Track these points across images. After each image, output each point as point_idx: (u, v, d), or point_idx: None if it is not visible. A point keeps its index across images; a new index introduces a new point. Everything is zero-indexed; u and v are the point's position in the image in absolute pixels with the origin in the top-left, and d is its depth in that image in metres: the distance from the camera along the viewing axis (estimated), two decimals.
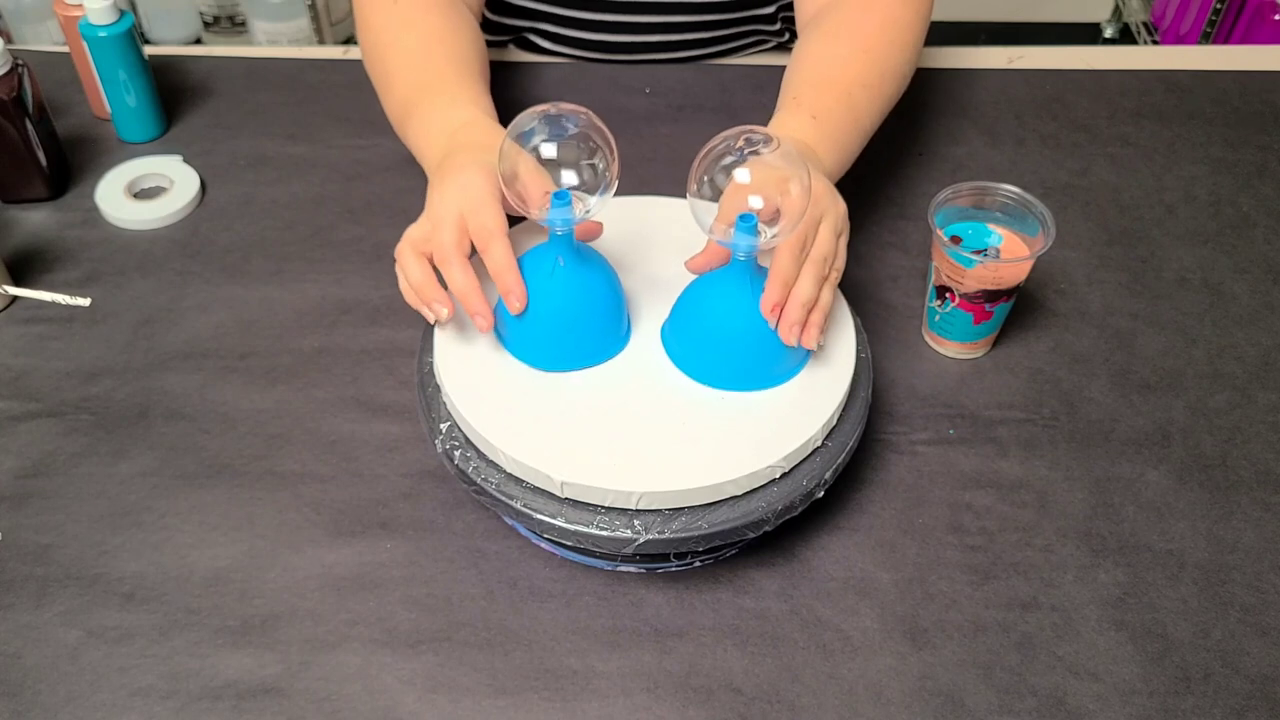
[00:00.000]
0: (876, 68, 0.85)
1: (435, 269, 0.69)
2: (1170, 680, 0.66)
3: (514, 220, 0.76)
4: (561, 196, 0.66)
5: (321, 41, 2.05)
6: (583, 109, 0.67)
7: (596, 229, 0.73)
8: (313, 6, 1.99)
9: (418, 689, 0.65)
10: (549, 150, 0.66)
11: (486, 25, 1.12)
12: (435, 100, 0.80)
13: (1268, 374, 0.84)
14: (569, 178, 0.67)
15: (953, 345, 0.84)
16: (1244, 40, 2.04)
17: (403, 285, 0.70)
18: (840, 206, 0.73)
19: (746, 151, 0.65)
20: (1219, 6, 2.11)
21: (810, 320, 0.67)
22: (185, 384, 0.81)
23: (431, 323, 0.70)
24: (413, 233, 0.70)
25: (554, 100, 0.67)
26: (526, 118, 0.66)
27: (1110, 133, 1.05)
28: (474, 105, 0.79)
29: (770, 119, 0.81)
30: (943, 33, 1.19)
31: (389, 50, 0.86)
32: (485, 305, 0.67)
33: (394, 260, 0.71)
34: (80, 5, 0.94)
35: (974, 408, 0.81)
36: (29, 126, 0.91)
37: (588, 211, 0.67)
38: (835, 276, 0.71)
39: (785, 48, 1.13)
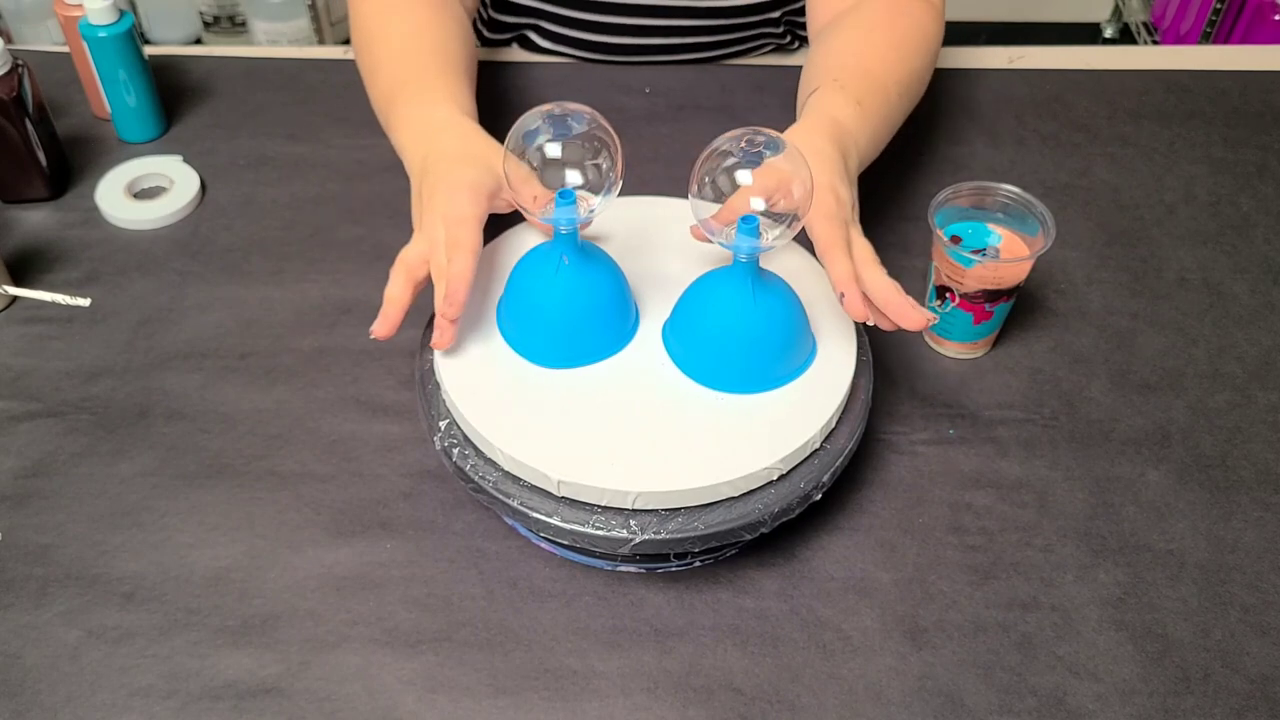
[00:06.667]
0: (908, 66, 0.86)
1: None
2: (1170, 680, 0.66)
3: (515, 219, 0.76)
4: (565, 196, 0.66)
5: (321, 41, 2.05)
6: (587, 108, 0.67)
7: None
8: (313, 6, 1.99)
9: (418, 689, 0.65)
10: (554, 150, 0.66)
11: (487, 22, 1.12)
12: (415, 96, 0.80)
13: (1268, 374, 0.84)
14: (573, 177, 0.67)
15: (953, 345, 0.84)
16: (1244, 40, 2.04)
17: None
18: (853, 197, 0.74)
19: (750, 153, 0.65)
20: (1219, 6, 2.11)
21: (904, 303, 0.68)
22: (185, 384, 0.81)
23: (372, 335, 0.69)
24: (408, 254, 0.70)
25: (556, 100, 0.67)
26: (531, 117, 0.66)
27: (1110, 133, 1.05)
28: (451, 103, 0.79)
29: (776, 119, 0.81)
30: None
31: (375, 39, 0.87)
32: (449, 325, 0.68)
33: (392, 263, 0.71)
34: (80, 5, 0.94)
35: (974, 408, 0.81)
36: (29, 126, 0.91)
37: (592, 211, 0.67)
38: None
39: (785, 49, 1.13)
